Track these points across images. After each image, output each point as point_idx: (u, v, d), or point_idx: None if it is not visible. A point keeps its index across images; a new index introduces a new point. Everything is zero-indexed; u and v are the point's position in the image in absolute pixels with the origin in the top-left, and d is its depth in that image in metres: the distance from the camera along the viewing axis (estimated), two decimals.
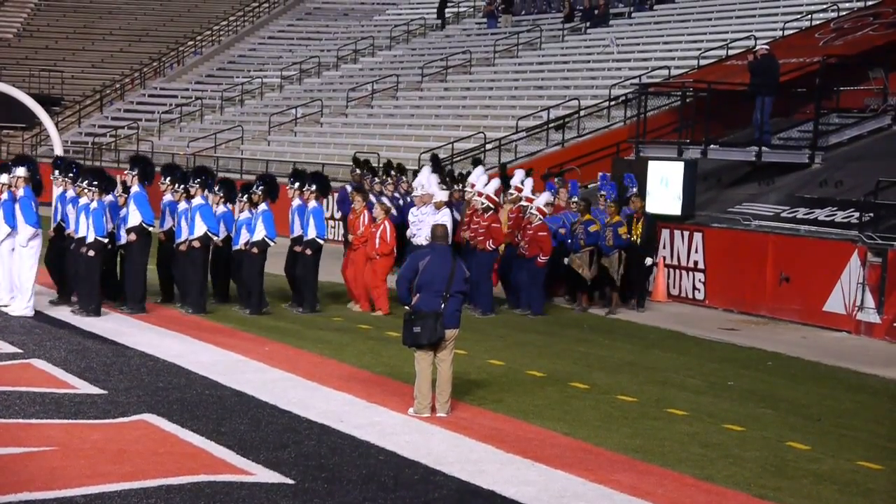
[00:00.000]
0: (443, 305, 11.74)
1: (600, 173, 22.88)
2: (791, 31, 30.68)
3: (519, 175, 21.22)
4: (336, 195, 23.98)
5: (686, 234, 21.45)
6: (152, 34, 53.54)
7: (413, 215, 19.82)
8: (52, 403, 11.88)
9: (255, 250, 17.92)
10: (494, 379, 13.94)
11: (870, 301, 18.14)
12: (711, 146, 23.77)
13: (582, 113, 30.38)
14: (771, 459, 10.86)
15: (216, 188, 18.40)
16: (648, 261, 20.39)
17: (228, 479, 9.50)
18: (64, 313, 17.33)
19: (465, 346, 14.75)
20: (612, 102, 30.16)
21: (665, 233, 21.65)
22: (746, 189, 23.58)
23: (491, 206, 19.46)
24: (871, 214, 19.28)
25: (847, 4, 31.89)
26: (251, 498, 9.05)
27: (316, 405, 12.16)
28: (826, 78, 24.09)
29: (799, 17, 32.39)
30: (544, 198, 19.85)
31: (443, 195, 19.45)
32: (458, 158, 29.78)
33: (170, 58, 51.06)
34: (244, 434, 10.95)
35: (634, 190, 21.18)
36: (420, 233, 19.24)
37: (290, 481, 9.52)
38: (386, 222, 19.10)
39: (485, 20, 44.66)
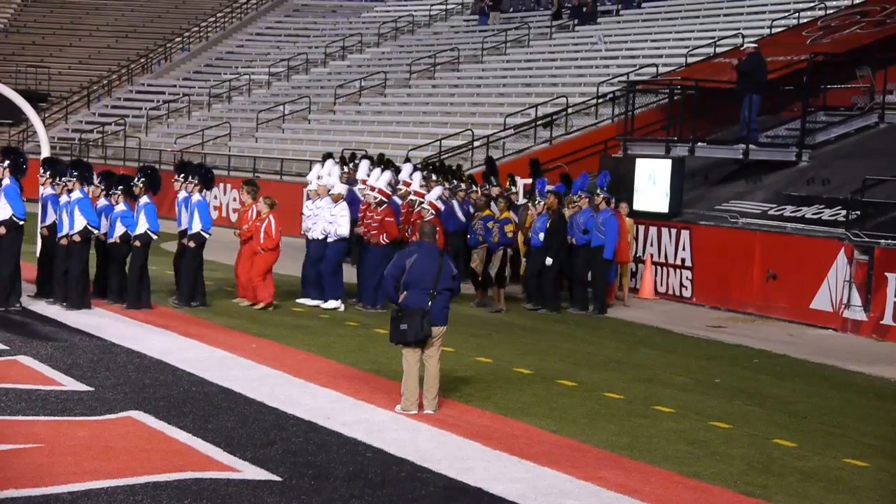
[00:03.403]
0: (430, 303, 11.75)
1: (538, 181, 21.91)
2: (778, 30, 30.76)
3: (407, 169, 20.88)
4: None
5: (673, 231, 21.48)
6: (140, 30, 53.40)
7: (308, 209, 19.38)
8: (39, 400, 11.84)
9: (137, 244, 17.70)
10: (482, 376, 13.94)
11: (856, 299, 18.19)
12: (699, 144, 23.83)
13: (570, 110, 30.37)
14: (757, 457, 10.87)
15: (96, 181, 18.22)
16: (548, 261, 19.13)
17: (215, 476, 9.48)
18: (52, 310, 17.29)
19: (453, 343, 14.74)
20: (600, 100, 30.17)
21: (652, 230, 21.68)
22: (734, 187, 23.64)
23: (384, 200, 19.02)
24: (858, 212, 19.33)
25: (834, 3, 31.97)
26: (238, 495, 9.04)
27: (303, 402, 12.15)
28: (813, 76, 24.17)
29: (786, 15, 32.47)
30: (436, 192, 19.58)
31: (341, 188, 19.18)
32: (446, 155, 29.76)
33: (157, 54, 50.93)
34: (231, 431, 10.93)
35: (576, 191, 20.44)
36: (315, 227, 18.94)
37: (277, 478, 9.50)
38: (271, 217, 18.66)
39: (474, 17, 44.66)
